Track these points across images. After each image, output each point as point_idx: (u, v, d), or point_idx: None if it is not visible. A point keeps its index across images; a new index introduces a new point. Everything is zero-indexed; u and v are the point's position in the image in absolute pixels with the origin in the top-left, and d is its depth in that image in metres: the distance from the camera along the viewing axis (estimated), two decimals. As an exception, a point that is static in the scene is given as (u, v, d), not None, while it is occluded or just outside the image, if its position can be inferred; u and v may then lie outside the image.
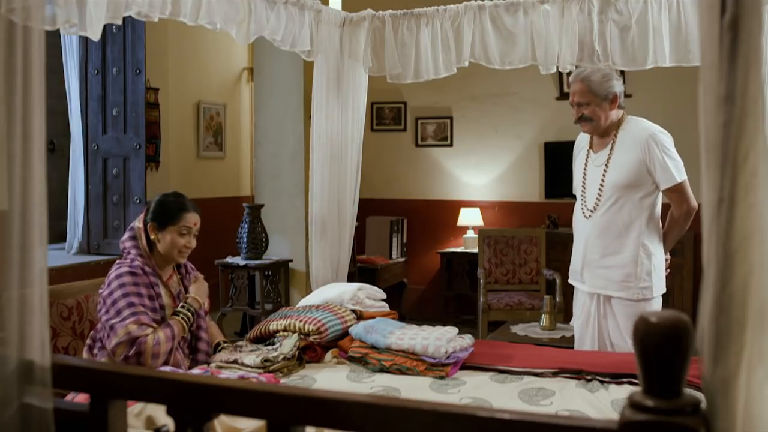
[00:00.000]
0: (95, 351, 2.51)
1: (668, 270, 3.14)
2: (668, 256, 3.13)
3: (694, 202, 2.98)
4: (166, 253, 2.60)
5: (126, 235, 2.64)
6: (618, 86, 3.02)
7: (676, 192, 2.96)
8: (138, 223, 2.63)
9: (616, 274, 3.00)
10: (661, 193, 3.02)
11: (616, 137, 3.06)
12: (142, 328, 2.40)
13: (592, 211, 3.08)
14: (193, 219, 2.64)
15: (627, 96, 5.94)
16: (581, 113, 3.05)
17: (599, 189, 3.05)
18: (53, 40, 4.90)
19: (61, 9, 2.28)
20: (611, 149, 3.06)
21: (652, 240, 3.00)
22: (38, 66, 1.35)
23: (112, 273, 2.51)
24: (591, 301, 3.11)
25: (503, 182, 6.49)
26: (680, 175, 2.95)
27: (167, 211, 2.59)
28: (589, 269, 3.10)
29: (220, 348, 2.78)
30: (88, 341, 2.55)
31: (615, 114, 3.06)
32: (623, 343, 3.00)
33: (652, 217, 3.01)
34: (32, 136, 1.35)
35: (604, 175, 3.05)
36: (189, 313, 2.57)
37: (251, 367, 2.60)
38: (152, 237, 2.58)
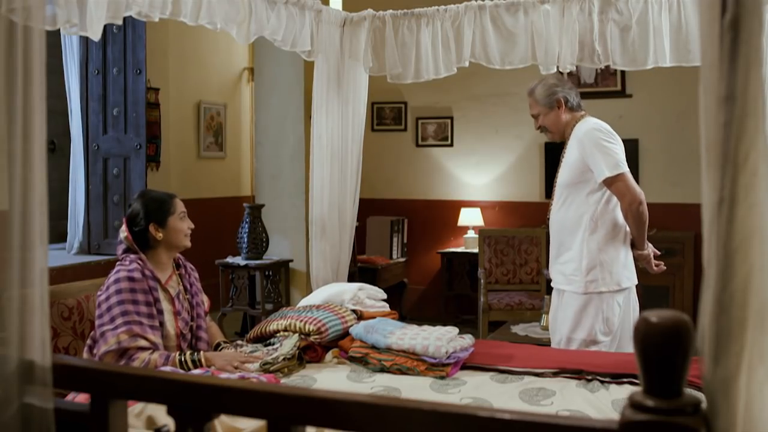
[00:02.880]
0: (95, 351, 2.51)
1: (660, 265, 3.17)
2: (647, 251, 3.13)
3: (633, 195, 2.94)
4: (175, 242, 2.62)
5: (119, 250, 2.63)
6: (562, 92, 3.14)
7: (612, 186, 2.97)
8: (123, 233, 2.61)
9: (568, 268, 3.09)
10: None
11: (568, 139, 3.16)
12: (134, 339, 2.38)
13: (552, 211, 3.21)
14: (181, 204, 2.69)
15: (627, 96, 5.98)
16: (539, 125, 3.26)
17: (554, 189, 3.20)
18: (53, 40, 4.90)
19: (61, 9, 2.28)
20: (564, 150, 3.18)
21: (601, 234, 3.03)
22: (39, 66, 1.35)
23: (111, 277, 2.51)
24: (556, 298, 3.20)
25: (504, 182, 6.49)
26: (611, 169, 2.94)
27: (161, 205, 2.61)
28: (552, 267, 3.21)
29: (220, 348, 2.77)
30: (89, 341, 2.55)
31: (568, 117, 3.16)
32: (573, 335, 3.06)
33: (604, 212, 3.03)
34: (33, 136, 1.35)
35: (557, 176, 3.19)
36: (190, 363, 2.48)
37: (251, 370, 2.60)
38: (158, 237, 2.58)
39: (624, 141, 6.05)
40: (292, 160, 5.41)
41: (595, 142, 2.99)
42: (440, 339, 2.73)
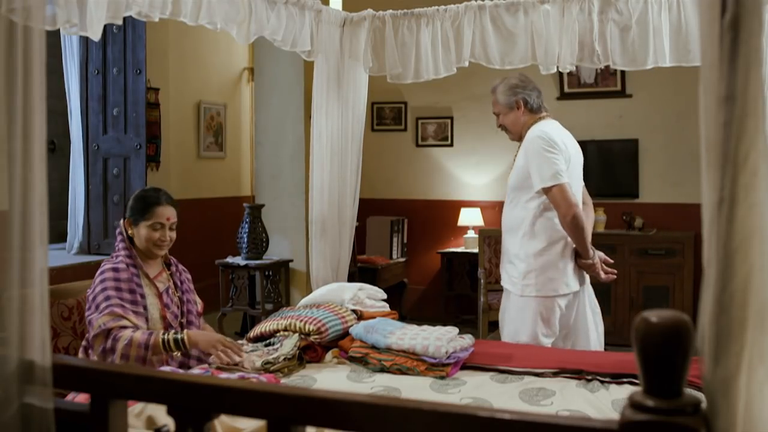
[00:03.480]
0: (90, 351, 2.52)
1: (611, 273, 3.24)
2: (591, 260, 3.15)
3: (566, 207, 2.97)
4: (143, 247, 2.61)
5: (117, 231, 2.68)
6: (523, 93, 3.18)
7: (548, 195, 3.01)
8: (122, 220, 2.68)
9: (510, 270, 3.18)
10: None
11: (522, 141, 3.20)
12: (116, 320, 2.41)
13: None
14: (165, 213, 2.62)
15: (627, 96, 5.98)
16: (498, 123, 3.32)
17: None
18: (53, 40, 4.90)
19: (61, 9, 2.28)
20: (517, 153, 3.22)
21: (538, 240, 3.08)
22: (39, 66, 1.35)
23: (97, 272, 2.56)
24: (504, 295, 3.28)
25: (503, 182, 6.44)
26: (544, 181, 2.99)
27: (139, 207, 2.62)
28: (501, 265, 3.31)
29: None
30: (84, 342, 2.56)
31: (526, 119, 3.20)
32: (517, 337, 3.12)
33: (543, 219, 3.07)
34: (33, 136, 1.35)
35: (509, 176, 3.26)
36: (172, 343, 2.45)
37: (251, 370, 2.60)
38: (129, 232, 2.62)
39: (624, 141, 6.10)
40: (292, 160, 5.41)
41: (536, 150, 3.03)
42: (440, 339, 2.73)
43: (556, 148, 3.03)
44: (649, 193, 5.97)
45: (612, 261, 3.32)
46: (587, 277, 3.29)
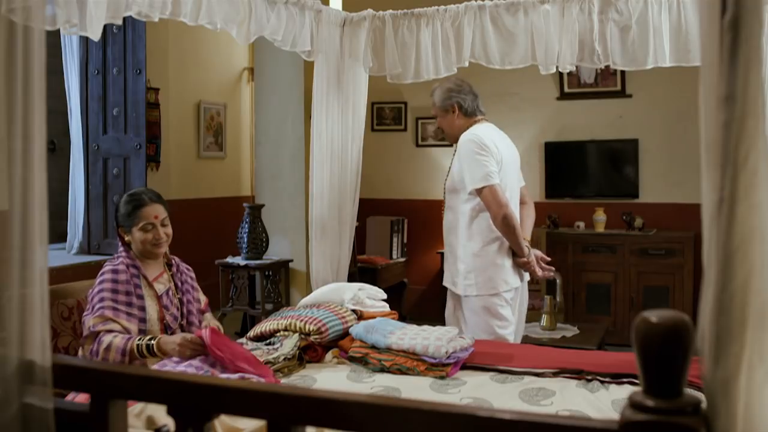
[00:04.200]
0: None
1: (548, 270, 3.33)
2: (527, 258, 3.23)
3: (497, 208, 3.08)
4: (141, 250, 2.60)
5: (118, 241, 2.67)
6: (457, 97, 3.30)
7: (480, 197, 3.13)
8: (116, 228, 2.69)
9: (452, 270, 3.29)
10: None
11: (457, 145, 3.29)
12: (105, 323, 2.41)
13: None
14: (152, 212, 2.58)
15: (627, 96, 5.97)
16: (436, 126, 3.46)
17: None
18: (53, 40, 4.90)
19: (61, 9, 2.27)
20: (453, 156, 3.33)
21: (476, 241, 3.19)
22: (39, 66, 1.35)
23: (98, 274, 2.55)
24: (450, 295, 3.37)
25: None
26: (475, 182, 3.10)
27: (126, 213, 2.59)
28: (444, 265, 3.41)
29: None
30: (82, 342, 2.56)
31: (461, 122, 3.31)
32: (476, 335, 3.13)
33: (479, 220, 3.18)
34: (32, 136, 1.35)
35: (446, 179, 3.36)
36: (144, 349, 2.40)
37: None
38: (126, 239, 2.61)
39: (624, 141, 6.10)
40: (292, 160, 5.41)
41: (468, 153, 3.14)
42: (440, 339, 2.73)
43: (487, 151, 3.13)
44: (649, 193, 5.97)
45: (549, 258, 3.41)
46: (526, 275, 3.40)
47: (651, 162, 5.94)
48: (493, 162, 3.12)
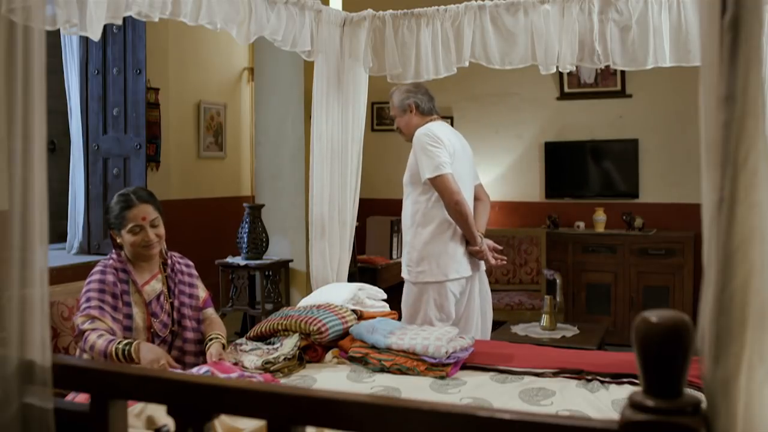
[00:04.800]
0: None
1: (501, 258, 3.50)
2: (479, 246, 3.40)
3: (450, 196, 3.26)
4: (132, 253, 2.56)
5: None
6: (414, 97, 3.49)
7: (434, 186, 3.30)
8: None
9: (406, 259, 3.44)
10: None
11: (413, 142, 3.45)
12: (91, 322, 2.40)
13: None
14: (140, 214, 2.52)
15: (627, 96, 5.98)
16: (395, 126, 3.60)
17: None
18: (53, 40, 4.90)
19: (61, 9, 2.27)
20: (411, 152, 3.48)
21: (429, 229, 3.36)
22: (39, 66, 1.36)
23: (89, 274, 2.55)
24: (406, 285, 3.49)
25: (504, 182, 6.48)
26: (432, 171, 3.27)
27: (113, 216, 2.56)
28: (402, 257, 3.54)
29: (211, 340, 2.62)
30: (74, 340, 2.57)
31: (418, 121, 3.48)
32: (410, 320, 3.33)
33: (432, 209, 3.36)
34: (33, 136, 1.35)
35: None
36: (121, 355, 2.34)
37: (252, 369, 2.59)
38: (118, 241, 2.58)
39: (624, 141, 6.10)
40: (292, 160, 5.41)
41: (422, 145, 3.32)
42: (440, 339, 2.73)
43: (440, 143, 3.31)
44: (649, 193, 5.97)
45: (501, 247, 3.59)
46: (482, 265, 3.54)
47: (651, 162, 5.94)
48: (446, 153, 3.30)
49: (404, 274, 3.48)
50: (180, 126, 5.94)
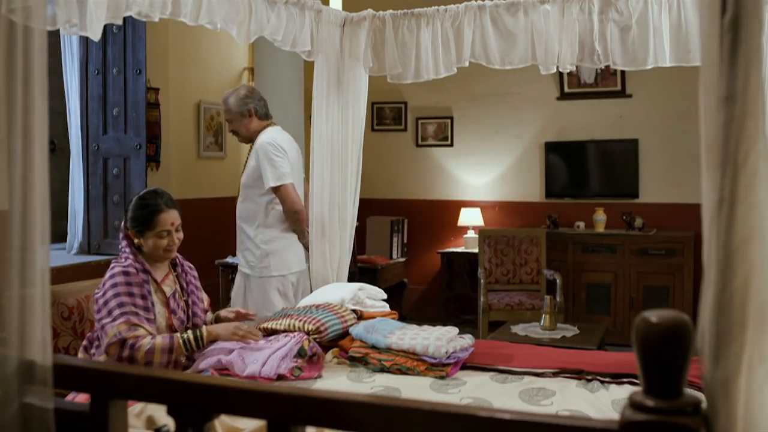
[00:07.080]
0: (92, 351, 2.51)
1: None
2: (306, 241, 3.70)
3: (290, 204, 3.57)
4: (151, 256, 2.59)
5: (120, 236, 2.65)
6: (252, 103, 3.69)
7: (276, 193, 3.56)
8: (122, 224, 2.65)
9: (248, 256, 3.65)
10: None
11: (253, 145, 3.68)
12: (133, 329, 2.39)
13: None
14: (169, 219, 2.57)
15: (627, 96, 5.98)
16: (230, 129, 3.80)
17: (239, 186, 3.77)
18: (53, 40, 4.90)
19: (61, 9, 2.27)
20: (249, 154, 3.71)
21: (270, 229, 3.62)
22: (39, 66, 1.36)
23: (107, 274, 2.52)
24: (240, 280, 3.73)
25: (504, 182, 6.48)
26: (273, 180, 3.53)
27: (141, 219, 2.56)
28: (237, 252, 3.79)
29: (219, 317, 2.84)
30: (84, 342, 2.56)
31: (256, 125, 3.70)
32: (261, 313, 3.40)
33: (273, 211, 3.62)
34: (33, 135, 1.35)
35: (242, 174, 3.76)
36: (193, 342, 2.52)
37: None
38: (136, 242, 2.58)
39: (624, 141, 6.11)
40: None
41: (266, 155, 3.55)
42: (440, 339, 2.73)
43: (283, 154, 3.57)
44: (649, 193, 5.97)
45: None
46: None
47: (651, 162, 5.94)
48: (287, 163, 3.57)
49: (244, 269, 3.67)
50: (180, 126, 5.94)
